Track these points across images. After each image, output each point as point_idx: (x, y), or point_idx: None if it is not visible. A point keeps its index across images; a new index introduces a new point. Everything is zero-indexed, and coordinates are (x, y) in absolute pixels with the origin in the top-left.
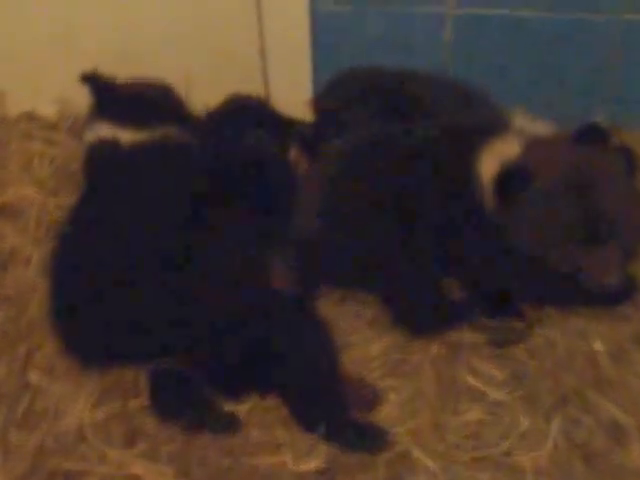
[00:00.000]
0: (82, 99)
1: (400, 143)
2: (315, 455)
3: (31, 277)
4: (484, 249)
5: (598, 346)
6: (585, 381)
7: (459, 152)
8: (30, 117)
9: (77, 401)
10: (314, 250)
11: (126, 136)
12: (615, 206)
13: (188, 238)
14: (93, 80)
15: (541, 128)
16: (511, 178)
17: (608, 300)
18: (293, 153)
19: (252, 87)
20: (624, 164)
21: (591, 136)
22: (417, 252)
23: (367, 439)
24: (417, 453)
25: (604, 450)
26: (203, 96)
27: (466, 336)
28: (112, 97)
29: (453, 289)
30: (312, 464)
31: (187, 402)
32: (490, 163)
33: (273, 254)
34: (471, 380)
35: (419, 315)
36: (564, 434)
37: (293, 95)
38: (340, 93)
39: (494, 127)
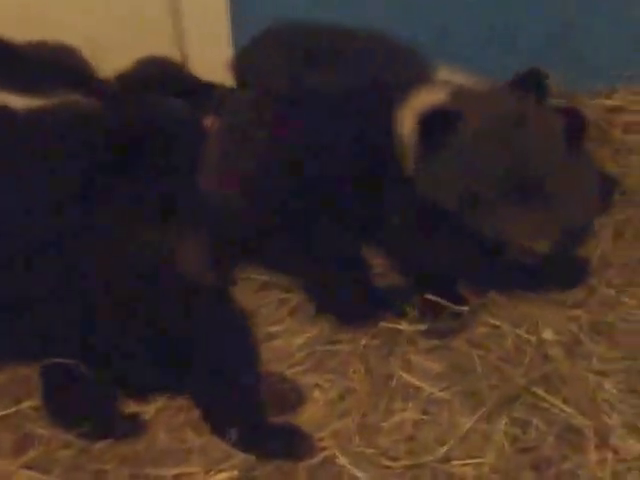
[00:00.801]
0: None
1: (314, 97)
2: (227, 464)
3: None
4: (405, 214)
5: (549, 336)
6: (535, 376)
7: (378, 106)
8: None
9: None
10: (223, 222)
11: (21, 102)
12: (547, 161)
13: (80, 216)
14: None
15: (471, 82)
16: (434, 119)
17: (553, 282)
18: (210, 120)
19: (166, 50)
20: (563, 121)
21: (529, 84)
22: (336, 226)
23: (287, 444)
24: (343, 460)
25: (556, 456)
26: (114, 61)
27: (401, 326)
28: (7, 59)
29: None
30: (224, 475)
31: (85, 403)
32: (411, 115)
33: (180, 232)
34: (406, 375)
35: (345, 303)
36: (510, 437)
37: (211, 57)
38: (262, 53)
39: (418, 80)
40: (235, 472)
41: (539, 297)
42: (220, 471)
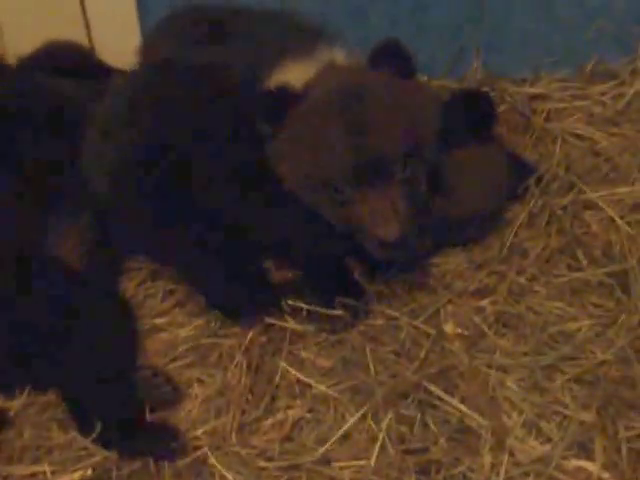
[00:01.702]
0: None
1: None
2: (85, 463)
3: None
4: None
5: (450, 328)
6: (430, 372)
7: (244, 86)
8: None
9: None
10: (106, 209)
11: None
12: (390, 139)
13: None
14: None
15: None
16: (273, 97)
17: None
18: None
19: (74, 34)
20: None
21: (390, 56)
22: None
23: (153, 443)
24: (214, 460)
25: (446, 459)
26: (19, 44)
27: (287, 324)
28: None
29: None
30: (75, 475)
31: None
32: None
33: (61, 218)
34: (292, 371)
35: (232, 298)
36: (397, 437)
37: (119, 42)
38: (162, 38)
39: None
40: (89, 471)
41: (442, 286)
42: (74, 470)
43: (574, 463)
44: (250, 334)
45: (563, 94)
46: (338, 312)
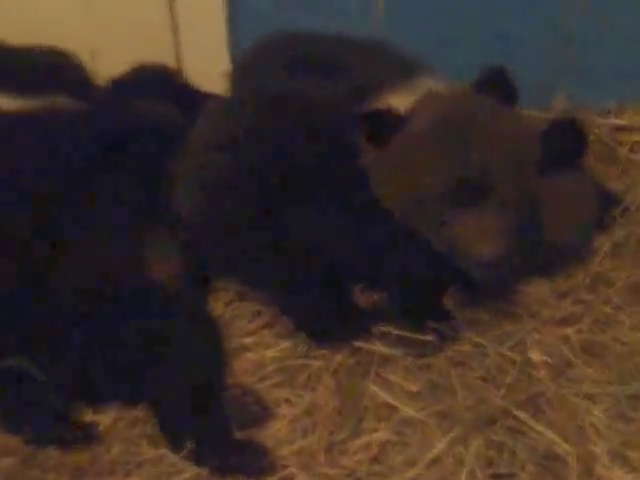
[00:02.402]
0: None
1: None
2: (177, 478)
3: None
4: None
5: (535, 356)
6: (517, 398)
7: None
8: None
9: None
10: (198, 233)
11: (8, 103)
12: (493, 162)
13: (54, 221)
14: None
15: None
16: (376, 118)
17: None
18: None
19: (163, 58)
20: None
21: (494, 82)
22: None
23: (243, 461)
24: (303, 479)
25: None
26: (112, 68)
27: (375, 347)
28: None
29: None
30: None
31: (35, 408)
32: None
33: (154, 239)
34: (380, 393)
35: (320, 321)
36: (485, 462)
37: (208, 66)
38: (256, 65)
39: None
40: None
41: (527, 314)
42: None
43: None
44: (338, 357)
45: None
46: (426, 337)
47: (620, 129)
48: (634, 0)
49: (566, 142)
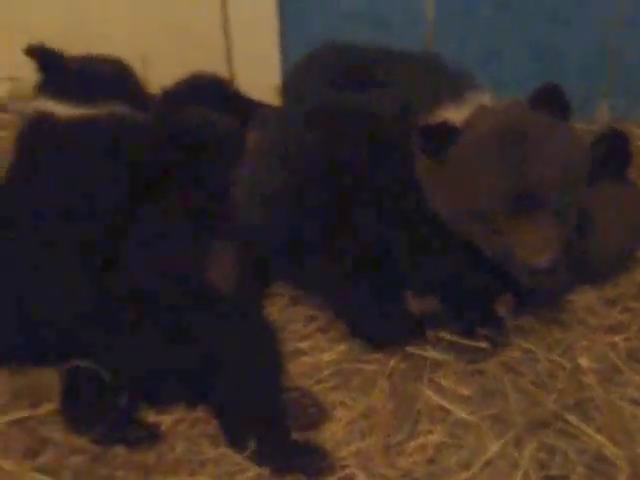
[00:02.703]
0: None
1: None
2: (240, 477)
3: None
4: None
5: (584, 362)
6: (567, 403)
7: (398, 128)
8: None
9: None
10: (256, 238)
11: (66, 111)
12: (548, 173)
13: (113, 228)
14: (38, 52)
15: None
16: (433, 132)
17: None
18: (252, 137)
19: (215, 67)
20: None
21: (549, 98)
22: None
23: (304, 461)
24: (362, 479)
25: None
26: (165, 76)
27: (426, 353)
28: (58, 71)
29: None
30: None
31: (102, 409)
32: None
33: (214, 246)
34: (433, 397)
35: (375, 327)
36: (538, 464)
37: (259, 76)
38: (307, 75)
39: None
40: None
41: (576, 321)
42: None
43: None
44: (392, 361)
45: None
46: (479, 343)
47: None
48: None
49: (611, 153)
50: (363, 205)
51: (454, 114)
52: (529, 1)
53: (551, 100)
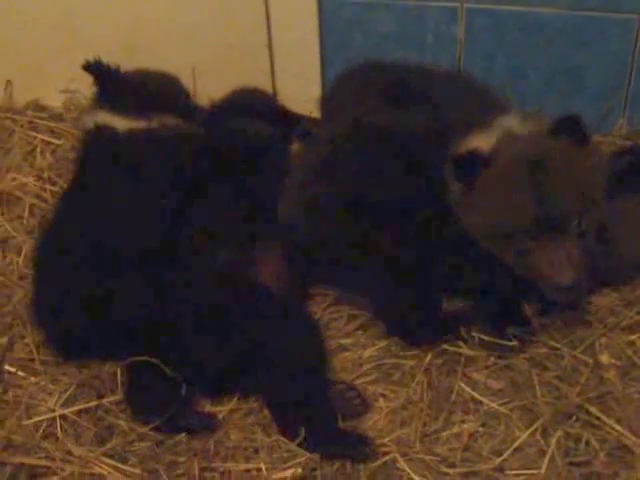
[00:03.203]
0: (89, 91)
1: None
2: (292, 463)
3: (20, 266)
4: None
5: (605, 359)
6: (589, 396)
7: (433, 149)
8: (36, 107)
9: (51, 395)
10: (301, 245)
11: (124, 124)
12: (569, 199)
13: (172, 232)
14: (95, 68)
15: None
16: (465, 161)
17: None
18: (295, 148)
19: (259, 81)
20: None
21: (569, 128)
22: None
23: (351, 447)
24: (403, 464)
25: (606, 471)
26: (211, 89)
27: (461, 349)
28: (114, 85)
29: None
30: (288, 472)
31: (164, 400)
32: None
33: (263, 249)
34: (466, 389)
35: (412, 328)
36: (563, 451)
37: (301, 90)
38: (347, 91)
39: (475, 125)
40: (299, 470)
41: (597, 321)
42: (285, 469)
43: None
44: (428, 357)
45: None
46: (508, 341)
47: None
48: None
49: (630, 166)
50: (406, 221)
51: (483, 140)
52: (552, 24)
53: (571, 129)
